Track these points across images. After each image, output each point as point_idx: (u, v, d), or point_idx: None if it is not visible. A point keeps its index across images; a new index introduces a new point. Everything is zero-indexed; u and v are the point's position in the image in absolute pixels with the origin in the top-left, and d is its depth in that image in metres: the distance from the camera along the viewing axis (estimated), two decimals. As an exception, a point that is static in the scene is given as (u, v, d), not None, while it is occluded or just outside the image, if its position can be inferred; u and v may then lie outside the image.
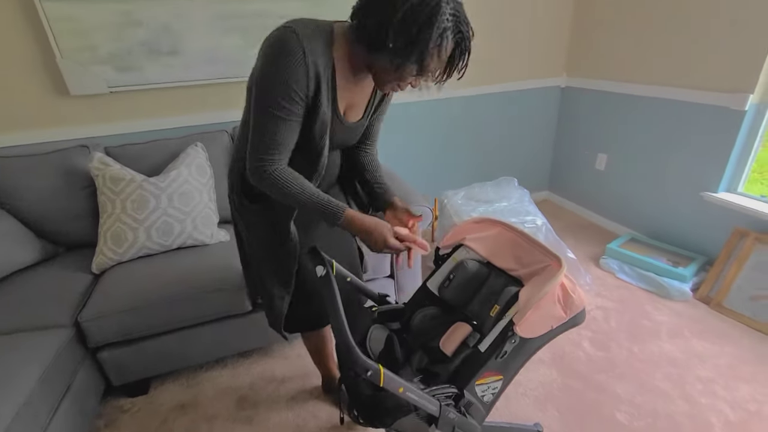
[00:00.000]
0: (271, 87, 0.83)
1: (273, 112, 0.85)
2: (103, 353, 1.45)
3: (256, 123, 0.87)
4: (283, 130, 0.87)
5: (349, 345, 0.74)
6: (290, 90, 0.83)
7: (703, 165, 2.05)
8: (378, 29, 0.81)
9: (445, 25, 0.79)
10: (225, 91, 2.05)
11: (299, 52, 0.81)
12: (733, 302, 1.85)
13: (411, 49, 0.80)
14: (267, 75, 0.83)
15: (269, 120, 0.86)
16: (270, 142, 0.87)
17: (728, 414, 1.40)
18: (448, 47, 0.83)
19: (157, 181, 1.65)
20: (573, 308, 0.93)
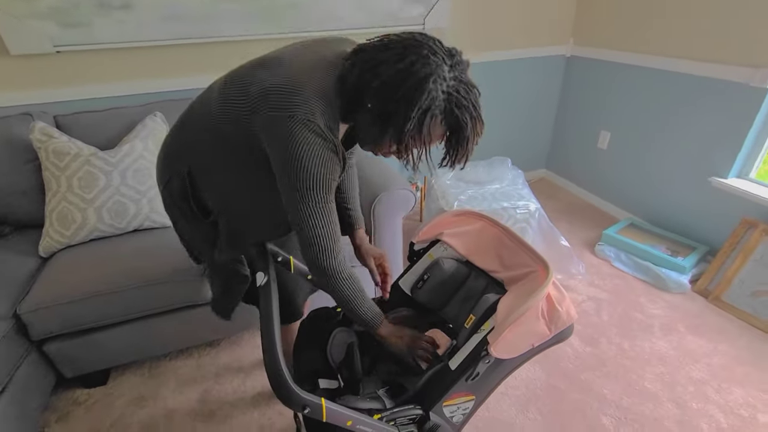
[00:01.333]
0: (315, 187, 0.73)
1: (321, 206, 0.76)
2: (49, 346, 1.33)
3: (306, 221, 0.76)
4: (333, 216, 0.79)
5: (279, 376, 0.61)
6: (331, 181, 0.76)
7: (715, 148, 1.88)
8: (357, 89, 0.71)
9: (431, 104, 0.67)
10: (188, 54, 1.83)
11: (331, 148, 0.73)
12: (734, 297, 1.74)
13: (386, 123, 0.71)
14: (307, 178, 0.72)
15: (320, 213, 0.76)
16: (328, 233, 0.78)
17: (720, 420, 1.31)
18: (434, 130, 0.71)
19: (107, 156, 1.48)
20: (559, 324, 0.80)
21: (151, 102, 1.74)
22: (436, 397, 0.82)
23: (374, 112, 0.70)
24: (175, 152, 0.91)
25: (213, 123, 0.80)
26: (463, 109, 0.70)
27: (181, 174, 0.89)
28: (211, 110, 0.81)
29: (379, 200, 1.50)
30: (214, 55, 1.86)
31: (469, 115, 0.71)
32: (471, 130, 0.72)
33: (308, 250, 0.78)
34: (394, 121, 0.69)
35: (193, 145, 0.86)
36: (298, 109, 0.70)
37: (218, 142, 0.81)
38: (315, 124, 0.70)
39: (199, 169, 0.87)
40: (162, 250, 1.44)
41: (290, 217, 0.78)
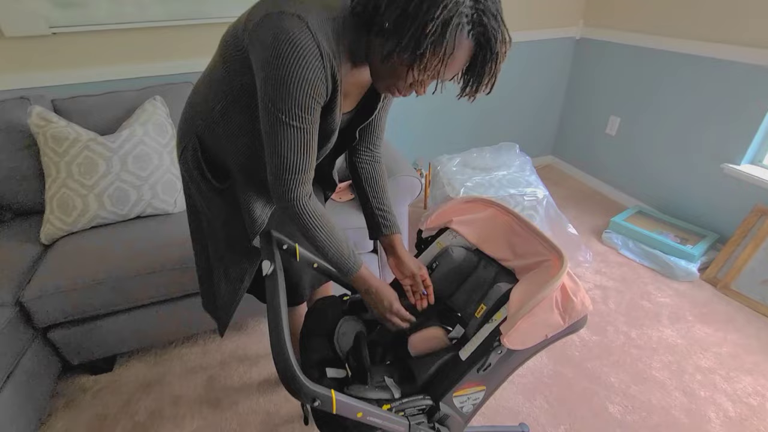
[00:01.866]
0: (287, 96, 0.64)
1: (293, 124, 0.67)
2: (54, 333, 1.33)
3: (273, 137, 0.69)
4: (307, 142, 0.71)
5: (288, 368, 0.59)
6: (310, 99, 0.66)
7: (729, 133, 1.83)
8: (376, 8, 0.61)
9: (458, 10, 0.56)
10: (189, 36, 1.78)
11: (315, 52, 0.62)
12: (743, 285, 1.72)
13: (404, 27, 0.59)
14: (280, 81, 0.63)
15: (290, 134, 0.68)
16: (295, 161, 0.71)
17: (728, 409, 1.31)
18: (461, 44, 0.60)
19: (107, 141, 1.44)
20: (573, 315, 0.78)
21: (150, 86, 1.70)
22: (447, 388, 0.81)
23: (390, 22, 0.60)
24: (185, 121, 0.88)
25: (215, 73, 0.76)
26: (491, 17, 0.59)
27: (192, 142, 0.85)
28: (214, 63, 0.77)
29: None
30: (216, 37, 1.81)
31: (498, 25, 0.61)
32: (500, 44, 0.62)
33: (271, 176, 0.73)
34: (413, 23, 0.58)
35: (199, 108, 0.82)
36: (288, 6, 0.62)
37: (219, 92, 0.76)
38: (304, 23, 0.61)
39: (207, 132, 0.82)
40: (165, 237, 1.42)
41: (263, 138, 0.71)
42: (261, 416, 1.33)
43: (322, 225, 0.78)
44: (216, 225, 0.96)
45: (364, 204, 1.02)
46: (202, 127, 0.83)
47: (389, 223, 0.99)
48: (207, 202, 0.92)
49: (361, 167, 0.99)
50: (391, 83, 0.69)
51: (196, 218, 1.02)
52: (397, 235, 1.00)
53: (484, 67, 0.64)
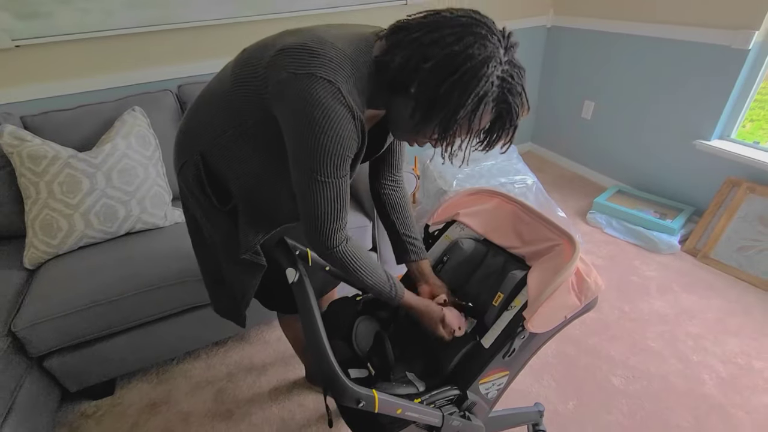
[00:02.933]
0: (324, 160, 0.66)
1: (330, 182, 0.69)
2: (50, 361, 1.27)
3: (309, 194, 0.69)
4: (342, 194, 0.72)
5: (332, 373, 0.59)
6: (346, 158, 0.68)
7: (698, 111, 1.94)
8: (401, 71, 0.63)
9: (487, 90, 0.61)
10: (160, 42, 1.71)
11: (348, 116, 0.64)
12: (721, 253, 1.83)
13: (434, 109, 0.64)
14: (315, 149, 0.64)
15: (327, 190, 0.69)
16: (331, 210, 0.71)
17: (720, 370, 1.40)
18: (484, 117, 0.65)
19: (89, 157, 1.38)
20: (588, 294, 0.81)
21: (126, 96, 1.63)
22: (473, 376, 0.83)
23: (420, 98, 0.63)
24: (188, 136, 0.84)
25: (227, 98, 0.74)
26: (516, 95, 0.65)
27: (194, 158, 0.82)
28: (224, 85, 0.75)
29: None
30: (190, 42, 1.75)
31: (520, 101, 0.66)
32: (518, 115, 0.67)
33: (307, 226, 0.73)
34: (444, 107, 0.62)
35: (206, 126, 0.79)
36: (318, 69, 0.62)
37: (231, 119, 0.74)
38: (336, 87, 0.62)
39: (213, 152, 0.80)
40: (158, 252, 1.38)
41: (296, 191, 0.72)
42: (276, 425, 1.32)
43: (363, 265, 0.79)
44: (216, 238, 0.94)
45: (390, 230, 1.02)
46: (208, 145, 0.80)
47: (417, 249, 0.99)
48: (206, 217, 0.90)
49: (384, 193, 1.00)
50: (414, 138, 0.74)
51: (195, 226, 0.99)
52: (425, 260, 1.00)
53: (501, 133, 0.69)
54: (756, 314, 1.59)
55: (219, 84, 0.77)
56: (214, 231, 0.92)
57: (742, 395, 1.31)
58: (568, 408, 1.31)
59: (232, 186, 0.82)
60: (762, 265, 1.71)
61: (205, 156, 0.81)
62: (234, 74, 0.72)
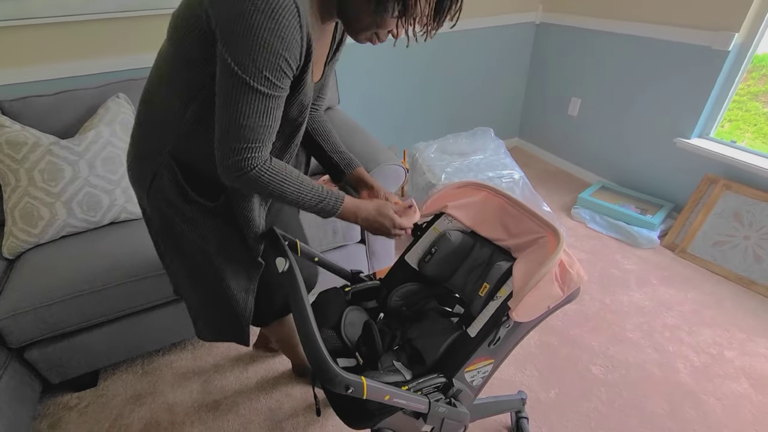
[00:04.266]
0: (258, 55, 0.57)
1: (258, 88, 0.60)
2: (31, 352, 1.25)
3: (230, 101, 0.61)
4: (271, 111, 0.63)
5: (322, 360, 0.60)
6: (282, 62, 0.59)
7: (679, 110, 1.99)
8: None
9: None
10: (145, 27, 1.67)
11: (292, 8, 0.56)
12: (698, 248, 1.89)
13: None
14: (249, 37, 0.56)
15: (253, 99, 0.61)
16: (254, 127, 0.63)
17: (693, 359, 1.45)
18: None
19: (71, 144, 1.35)
20: (571, 285, 0.84)
21: (109, 82, 1.59)
22: (459, 364, 0.85)
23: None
24: (148, 142, 0.75)
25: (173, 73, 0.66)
26: None
27: (165, 162, 0.73)
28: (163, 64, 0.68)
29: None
30: (176, 29, 1.71)
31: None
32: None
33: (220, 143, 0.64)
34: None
35: (164, 120, 0.71)
36: None
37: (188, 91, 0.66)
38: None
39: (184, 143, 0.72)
40: (142, 242, 1.36)
41: (217, 99, 0.63)
42: (263, 415, 1.33)
43: (286, 177, 0.70)
44: (210, 249, 0.86)
45: (319, 156, 1.00)
46: (173, 142, 0.72)
47: (348, 160, 0.99)
48: (194, 228, 0.81)
49: (309, 120, 0.97)
50: (373, 33, 0.69)
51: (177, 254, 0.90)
52: (360, 167, 0.99)
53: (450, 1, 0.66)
54: (728, 306, 1.66)
55: (159, 69, 0.71)
56: (206, 242, 0.84)
57: (713, 383, 1.37)
58: (550, 396, 1.35)
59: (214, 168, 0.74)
60: (735, 260, 1.78)
61: (176, 155, 0.73)
62: (171, 40, 0.66)
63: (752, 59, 1.78)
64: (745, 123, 3.18)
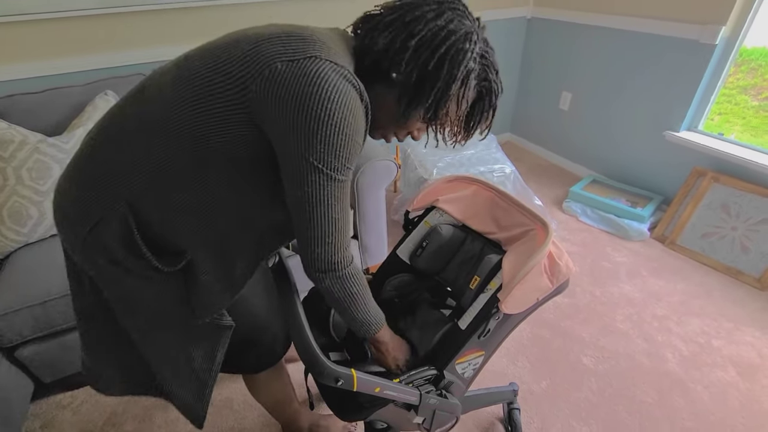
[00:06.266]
0: (340, 150, 0.56)
1: (341, 179, 0.59)
2: (23, 351, 1.24)
3: (318, 201, 0.58)
4: (348, 199, 0.62)
5: (311, 352, 0.60)
6: (358, 146, 0.59)
7: (668, 103, 2.01)
8: (386, 53, 0.60)
9: (473, 65, 0.61)
10: (133, 24, 1.66)
11: (358, 99, 0.58)
12: (687, 240, 1.92)
13: (423, 88, 0.61)
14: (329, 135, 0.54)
15: (338, 192, 0.59)
16: (342, 221, 0.61)
17: (682, 349, 1.48)
18: (470, 96, 0.65)
19: (59, 142, 1.34)
20: (560, 277, 0.85)
21: (98, 80, 1.57)
22: (450, 356, 0.85)
23: (407, 79, 0.60)
24: (104, 182, 0.62)
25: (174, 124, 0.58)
26: (494, 74, 0.65)
27: (117, 212, 0.62)
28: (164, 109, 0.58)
29: (363, 172, 1.48)
30: (164, 24, 1.70)
31: (499, 80, 0.66)
32: (497, 95, 0.68)
33: (312, 245, 0.61)
34: (435, 84, 0.60)
35: (138, 165, 0.60)
36: (318, 52, 0.55)
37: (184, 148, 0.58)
38: (344, 69, 0.55)
39: (151, 197, 0.62)
40: (135, 240, 1.35)
41: (290, 200, 0.60)
42: (258, 410, 1.33)
43: (362, 287, 0.69)
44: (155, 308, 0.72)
45: None
46: (137, 192, 0.61)
47: None
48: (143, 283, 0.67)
49: None
50: (392, 132, 0.70)
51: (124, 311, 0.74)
52: None
53: (482, 115, 0.68)
54: (716, 296, 1.68)
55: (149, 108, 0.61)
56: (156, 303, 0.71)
57: (701, 371, 1.40)
58: (542, 387, 1.37)
59: (182, 237, 0.65)
60: (723, 251, 1.81)
61: (135, 206, 0.62)
62: (181, 92, 0.58)
63: (739, 53, 1.80)
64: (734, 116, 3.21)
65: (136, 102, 0.63)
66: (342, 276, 0.65)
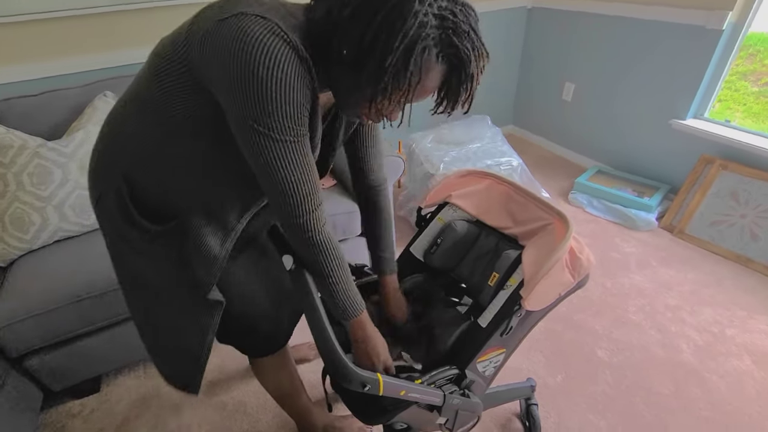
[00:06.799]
0: (275, 109, 0.54)
1: (288, 139, 0.57)
2: (31, 361, 1.22)
3: (267, 163, 0.58)
4: (307, 160, 0.60)
5: (338, 359, 0.59)
6: (300, 106, 0.56)
7: (674, 91, 1.99)
8: (324, 26, 0.55)
9: (420, 31, 0.50)
10: (132, 22, 1.62)
11: (292, 54, 0.53)
12: (695, 229, 1.91)
13: (361, 65, 0.54)
14: (261, 95, 0.52)
15: (287, 153, 0.57)
16: (301, 182, 0.60)
17: (696, 339, 1.47)
18: (430, 69, 0.55)
19: (59, 146, 1.31)
20: (582, 271, 0.84)
21: (96, 81, 1.54)
22: (471, 355, 0.84)
23: (350, 51, 0.54)
24: (106, 157, 0.71)
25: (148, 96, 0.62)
26: (463, 36, 0.54)
27: (115, 185, 0.69)
28: (141, 84, 0.63)
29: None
30: (163, 22, 1.66)
31: (471, 44, 0.56)
32: (475, 63, 0.57)
33: (278, 208, 0.62)
34: (372, 58, 0.52)
35: (130, 139, 0.67)
36: (246, 8, 0.53)
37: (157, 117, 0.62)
38: (273, 23, 0.52)
39: (142, 166, 0.68)
40: (141, 244, 1.33)
41: (251, 166, 0.60)
42: (272, 412, 1.32)
43: (337, 256, 0.68)
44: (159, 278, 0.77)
45: None
46: (129, 164, 0.68)
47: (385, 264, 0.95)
48: (142, 257, 0.74)
49: (361, 197, 0.95)
50: (357, 112, 0.65)
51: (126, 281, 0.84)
52: (385, 277, 0.95)
53: (459, 88, 0.59)
54: (727, 285, 1.67)
55: (136, 90, 0.66)
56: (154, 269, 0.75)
57: (716, 361, 1.39)
58: (557, 381, 1.36)
59: (175, 200, 0.70)
60: (732, 239, 1.80)
61: (130, 177, 0.68)
62: (151, 66, 0.62)
63: (746, 38, 1.78)
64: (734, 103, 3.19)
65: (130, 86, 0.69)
66: (307, 239, 0.65)
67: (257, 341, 0.95)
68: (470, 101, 0.62)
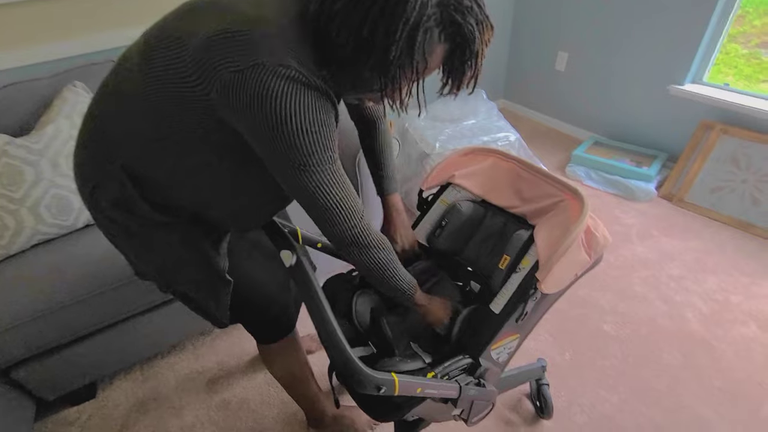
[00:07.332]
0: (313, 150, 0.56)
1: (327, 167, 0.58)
2: (18, 372, 1.15)
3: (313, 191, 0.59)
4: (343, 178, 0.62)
5: (350, 363, 0.54)
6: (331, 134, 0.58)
7: (671, 56, 1.93)
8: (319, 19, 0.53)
9: (421, 14, 0.49)
10: (103, 5, 1.49)
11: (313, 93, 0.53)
12: (696, 196, 1.88)
13: (363, 56, 0.53)
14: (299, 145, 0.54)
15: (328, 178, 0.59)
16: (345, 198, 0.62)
17: (701, 307, 1.46)
18: (433, 50, 0.54)
19: (28, 142, 1.21)
20: (598, 249, 0.80)
21: (63, 70, 1.42)
22: (485, 343, 0.80)
23: (348, 45, 0.53)
24: (97, 153, 0.67)
25: (150, 100, 0.59)
26: (466, 12, 0.52)
27: (112, 173, 0.65)
28: (137, 88, 0.60)
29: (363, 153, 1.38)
30: (134, 3, 1.54)
31: (475, 19, 0.53)
32: (479, 39, 0.55)
33: (328, 227, 0.64)
34: (375, 49, 0.52)
35: (124, 138, 0.64)
36: (259, 54, 0.51)
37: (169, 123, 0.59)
38: (289, 68, 0.51)
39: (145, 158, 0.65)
40: (126, 243, 1.25)
41: (292, 195, 0.63)
42: (276, 408, 1.28)
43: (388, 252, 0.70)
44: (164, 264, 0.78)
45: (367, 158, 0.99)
46: (134, 153, 0.64)
47: (380, 184, 0.97)
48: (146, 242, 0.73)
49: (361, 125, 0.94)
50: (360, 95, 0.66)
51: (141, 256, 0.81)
52: (387, 197, 0.97)
53: (464, 65, 0.57)
54: (730, 252, 1.66)
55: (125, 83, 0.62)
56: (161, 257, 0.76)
57: (723, 328, 1.38)
58: (566, 359, 1.34)
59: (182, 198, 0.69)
60: (733, 204, 1.78)
61: (131, 167, 0.65)
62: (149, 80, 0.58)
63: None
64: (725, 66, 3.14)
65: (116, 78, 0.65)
66: (365, 246, 0.67)
67: (266, 323, 0.95)
68: (476, 79, 0.61)
